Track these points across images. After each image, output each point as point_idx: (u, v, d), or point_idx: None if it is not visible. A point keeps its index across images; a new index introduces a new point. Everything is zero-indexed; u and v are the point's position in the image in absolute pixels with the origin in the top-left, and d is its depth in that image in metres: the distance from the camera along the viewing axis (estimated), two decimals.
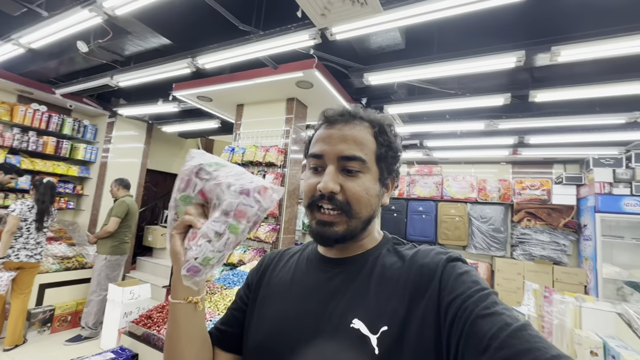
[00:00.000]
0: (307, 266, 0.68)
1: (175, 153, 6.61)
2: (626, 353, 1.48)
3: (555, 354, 0.38)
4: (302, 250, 0.74)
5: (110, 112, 4.91)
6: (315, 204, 0.60)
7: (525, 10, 2.16)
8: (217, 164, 0.60)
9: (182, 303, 0.59)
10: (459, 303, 0.48)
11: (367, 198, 0.60)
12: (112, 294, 3.03)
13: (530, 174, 5.42)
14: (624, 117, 3.08)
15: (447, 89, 3.35)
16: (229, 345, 0.68)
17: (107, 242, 3.47)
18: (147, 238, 5.50)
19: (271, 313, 0.64)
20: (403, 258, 0.60)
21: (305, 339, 0.56)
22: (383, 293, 0.56)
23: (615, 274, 4.12)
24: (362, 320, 0.53)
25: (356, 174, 0.60)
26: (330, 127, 0.63)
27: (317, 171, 0.63)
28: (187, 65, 2.84)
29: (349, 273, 0.61)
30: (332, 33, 2.11)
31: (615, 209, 4.10)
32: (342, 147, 0.60)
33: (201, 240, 0.53)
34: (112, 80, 3.39)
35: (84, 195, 4.89)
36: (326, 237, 0.60)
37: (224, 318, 0.72)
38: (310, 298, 0.61)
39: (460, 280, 0.51)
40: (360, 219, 0.60)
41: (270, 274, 0.72)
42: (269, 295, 0.68)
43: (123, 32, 2.70)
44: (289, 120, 3.43)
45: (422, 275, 0.55)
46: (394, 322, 0.52)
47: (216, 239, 0.53)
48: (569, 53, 2.08)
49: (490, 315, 0.45)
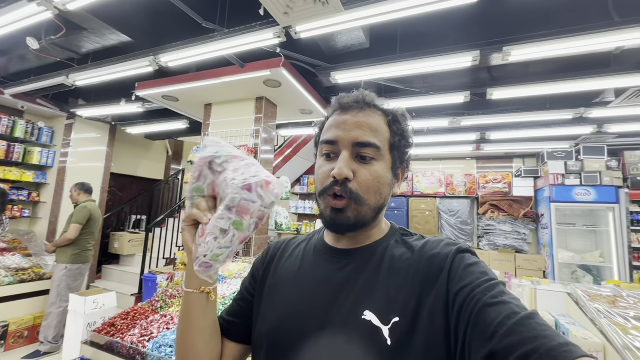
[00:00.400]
0: (315, 257, 0.67)
1: (141, 155, 6.34)
2: (574, 329, 1.62)
3: (562, 341, 0.38)
4: (308, 240, 0.73)
5: (68, 114, 4.62)
6: (327, 191, 0.59)
7: (481, 12, 2.29)
8: (228, 155, 0.59)
9: (195, 293, 0.60)
10: (467, 292, 0.48)
11: (378, 186, 0.60)
12: (74, 304, 2.86)
13: (493, 169, 5.72)
14: (571, 113, 3.34)
15: (413, 87, 3.47)
16: (236, 335, 0.68)
17: (68, 250, 3.27)
18: (113, 245, 5.23)
19: (279, 304, 0.63)
20: (412, 249, 0.60)
21: (314, 330, 0.56)
22: (393, 284, 0.56)
23: (569, 258, 4.46)
24: (374, 312, 0.53)
25: (370, 161, 0.60)
26: (345, 113, 0.62)
27: (330, 158, 0.62)
28: (150, 64, 2.75)
29: (358, 264, 0.61)
30: (297, 32, 2.13)
31: (568, 198, 4.43)
32: (357, 134, 0.59)
33: (208, 237, 0.53)
34: (67, 79, 3.20)
35: (40, 203, 4.57)
36: (339, 224, 0.59)
37: (230, 309, 0.72)
38: (319, 289, 0.60)
39: (469, 270, 0.52)
40: (370, 207, 0.59)
41: (277, 264, 0.71)
42: (276, 285, 0.67)
43: (78, 28, 2.57)
44: (259, 120, 3.40)
45: (432, 266, 0.55)
46: (405, 313, 0.52)
47: (222, 235, 0.53)
48: (519, 53, 2.23)
49: (497, 304, 0.45)
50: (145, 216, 6.07)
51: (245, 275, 2.42)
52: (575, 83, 2.71)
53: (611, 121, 3.71)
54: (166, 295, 2.18)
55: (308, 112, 3.85)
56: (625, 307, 1.62)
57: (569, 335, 1.59)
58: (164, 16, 2.64)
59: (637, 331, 1.39)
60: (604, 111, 3.29)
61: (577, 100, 3.37)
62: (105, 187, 5.15)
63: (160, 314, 1.97)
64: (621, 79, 2.57)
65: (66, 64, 3.22)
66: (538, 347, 0.38)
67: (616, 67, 2.65)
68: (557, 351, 0.37)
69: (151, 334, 1.71)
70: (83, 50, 3.04)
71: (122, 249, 5.18)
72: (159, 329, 1.76)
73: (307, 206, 6.37)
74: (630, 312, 1.55)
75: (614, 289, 1.82)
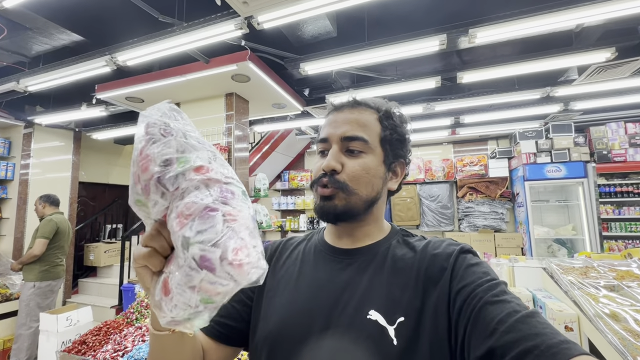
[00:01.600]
0: (316, 257, 0.66)
1: (112, 162, 6.07)
2: (550, 302, 1.67)
3: (562, 339, 0.39)
4: (307, 240, 0.73)
5: (25, 122, 4.33)
6: (317, 182, 0.62)
7: None
8: (186, 161, 0.40)
9: (167, 334, 0.49)
10: (469, 291, 0.49)
11: (367, 177, 0.61)
12: (45, 323, 2.70)
13: (469, 152, 5.85)
14: (538, 93, 3.42)
15: (386, 75, 3.45)
16: (226, 338, 0.65)
17: (35, 267, 3.08)
18: (88, 257, 5.01)
19: (281, 306, 0.62)
20: (414, 249, 0.61)
21: (318, 332, 0.55)
22: (397, 284, 0.56)
23: (544, 233, 4.63)
24: (379, 312, 0.53)
25: (358, 154, 0.62)
26: (337, 112, 0.66)
27: (323, 154, 0.65)
28: (106, 63, 2.58)
29: (361, 264, 0.61)
30: (259, 22, 2.04)
31: (540, 175, 4.59)
32: (345, 129, 0.63)
33: (175, 299, 0.39)
34: (18, 84, 2.97)
35: (3, 219, 4.29)
36: (326, 211, 0.61)
37: (223, 311, 0.66)
38: (322, 290, 0.60)
39: (471, 270, 0.53)
40: (359, 196, 0.60)
41: (275, 265, 0.69)
42: (276, 288, 0.65)
43: (21, 28, 2.38)
44: (230, 117, 3.30)
45: (435, 266, 0.56)
46: (410, 313, 0.52)
47: (191, 307, 0.39)
48: (484, 35, 2.23)
49: (498, 302, 0.45)
50: (121, 224, 5.84)
51: None
52: (540, 62, 2.77)
53: (576, 98, 3.83)
54: (142, 306, 2.08)
55: (281, 106, 3.77)
56: (595, 277, 1.67)
57: (545, 308, 1.63)
58: (116, 11, 2.48)
59: (607, 299, 1.43)
60: (568, 89, 3.39)
61: (543, 79, 3.45)
62: (75, 197, 4.88)
63: (136, 326, 1.88)
64: (583, 56, 2.64)
65: (17, 69, 2.99)
66: (539, 343, 0.39)
67: (578, 45, 2.71)
68: (557, 348, 0.38)
69: (125, 348, 1.63)
70: (32, 52, 2.83)
71: (98, 260, 4.96)
72: (134, 342, 1.68)
73: (289, 202, 6.31)
74: (600, 281, 1.60)
75: (585, 260, 1.88)
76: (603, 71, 2.90)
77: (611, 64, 2.76)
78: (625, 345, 1.11)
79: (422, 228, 5.63)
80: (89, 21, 2.51)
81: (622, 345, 1.12)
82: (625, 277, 1.57)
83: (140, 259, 0.42)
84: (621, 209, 4.45)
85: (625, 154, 4.41)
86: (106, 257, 4.98)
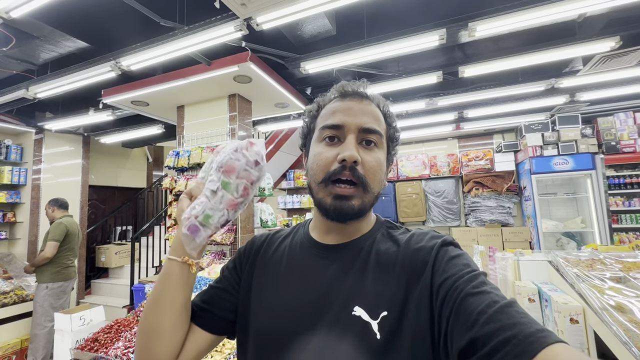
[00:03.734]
0: (302, 252, 0.66)
1: (121, 165, 6.18)
2: (555, 295, 1.65)
3: (539, 328, 0.41)
4: (293, 234, 0.72)
5: (36, 128, 4.44)
6: (332, 177, 0.58)
7: None
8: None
9: (177, 261, 0.60)
10: (450, 283, 0.50)
11: (380, 174, 0.61)
12: (59, 323, 2.78)
13: (475, 146, 5.79)
14: (542, 85, 3.38)
15: (387, 71, 3.44)
16: (207, 324, 0.64)
17: (47, 269, 3.17)
18: (99, 259, 5.12)
19: (268, 303, 0.62)
20: (398, 243, 0.61)
21: (305, 328, 0.56)
22: (381, 279, 0.56)
23: (552, 227, 4.58)
24: (363, 307, 0.54)
25: (373, 148, 0.61)
26: (348, 100, 0.63)
27: (332, 141, 0.61)
28: (112, 69, 2.64)
29: (347, 260, 0.61)
30: (258, 23, 2.06)
31: (547, 168, 4.52)
32: (364, 119, 0.61)
33: (200, 198, 0.59)
34: (28, 92, 3.05)
35: (17, 223, 4.41)
36: (343, 212, 0.58)
37: (206, 296, 0.67)
38: (308, 287, 0.60)
39: (452, 263, 0.53)
40: (372, 194, 0.60)
41: (262, 258, 0.69)
42: (263, 284, 0.65)
43: (29, 37, 2.44)
44: (233, 118, 3.33)
45: (417, 259, 0.56)
46: (393, 307, 0.53)
47: (212, 195, 0.58)
48: (484, 28, 2.22)
49: (478, 294, 0.46)
50: (130, 226, 5.94)
51: None
52: (544, 54, 2.73)
53: (582, 89, 3.76)
54: None
55: (284, 105, 3.79)
56: (601, 269, 1.65)
57: (551, 301, 1.62)
58: (119, 17, 2.53)
59: (613, 291, 1.42)
60: (573, 80, 3.33)
61: (547, 71, 3.41)
62: (85, 201, 5.00)
63: None
64: (587, 46, 2.60)
65: (26, 76, 3.07)
66: (517, 333, 0.40)
67: (581, 35, 2.67)
68: (534, 337, 0.39)
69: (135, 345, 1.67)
70: (40, 60, 2.90)
71: (109, 261, 5.07)
72: None
73: (295, 200, 6.34)
74: (606, 273, 1.59)
75: (591, 252, 1.86)
76: (608, 61, 2.85)
77: (616, 53, 2.72)
78: (630, 336, 1.11)
79: (428, 224, 5.61)
80: (93, 28, 2.57)
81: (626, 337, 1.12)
82: (632, 269, 1.55)
83: (188, 190, 0.64)
84: (631, 201, 4.36)
85: (634, 144, 4.32)
86: (117, 258, 5.09)
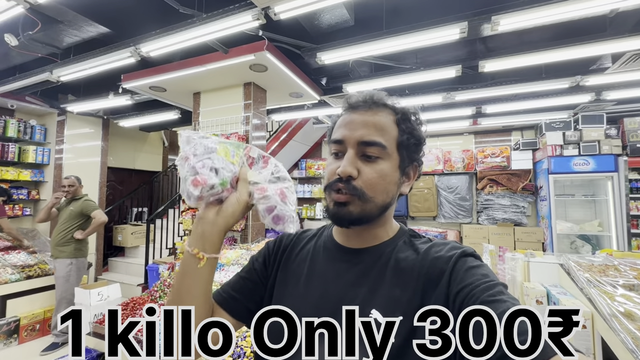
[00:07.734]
0: (325, 255, 0.68)
1: (138, 148, 6.33)
2: (564, 298, 1.64)
3: (520, 308, 0.43)
4: (318, 236, 0.75)
5: (58, 110, 4.59)
6: (331, 187, 0.61)
7: None
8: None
9: (189, 252, 0.62)
10: (467, 291, 0.50)
11: (383, 184, 0.61)
12: (79, 297, 2.94)
13: (491, 143, 5.65)
14: (567, 82, 3.25)
15: (405, 64, 3.37)
16: (235, 310, 0.69)
17: (70, 245, 3.33)
18: (116, 238, 5.33)
19: (291, 300, 0.65)
20: (417, 251, 0.62)
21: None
22: (398, 284, 0.58)
23: (567, 229, 4.47)
24: (379, 310, 0.55)
25: (375, 160, 0.61)
26: (353, 112, 0.64)
27: (337, 156, 0.64)
28: (131, 54, 2.69)
29: (367, 264, 0.63)
30: (276, 12, 2.05)
31: (566, 169, 4.39)
32: (362, 133, 0.61)
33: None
34: (52, 75, 3.16)
35: (41, 200, 4.62)
36: (341, 217, 0.60)
37: (236, 285, 0.72)
38: (329, 288, 0.62)
39: (470, 272, 0.53)
40: (375, 203, 0.60)
41: (288, 257, 0.72)
42: (287, 281, 0.68)
43: (54, 21, 2.50)
44: (248, 106, 3.36)
45: (435, 267, 0.57)
46: (409, 312, 0.54)
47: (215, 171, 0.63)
48: (508, 22, 2.14)
49: (494, 302, 0.47)
50: (146, 208, 6.13)
51: (243, 263, 2.46)
52: (570, 50, 2.62)
53: (609, 88, 3.60)
54: (164, 285, 2.23)
55: (298, 95, 3.79)
56: (614, 275, 1.62)
57: (559, 304, 1.61)
58: (139, 4, 2.56)
59: (624, 298, 1.40)
60: (601, 78, 3.19)
61: (573, 68, 3.27)
62: (104, 182, 5.18)
63: (159, 303, 2.03)
64: (617, 43, 2.48)
65: (50, 60, 3.17)
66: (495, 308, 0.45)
67: (612, 31, 2.54)
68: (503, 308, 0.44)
69: None
70: (64, 44, 2.97)
71: (125, 241, 5.27)
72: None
73: (306, 190, 6.39)
74: (619, 279, 1.56)
75: (605, 257, 1.82)
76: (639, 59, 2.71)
77: None
78: (638, 344, 1.10)
79: (438, 219, 5.57)
80: (114, 13, 2.61)
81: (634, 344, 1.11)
82: None
83: None
84: None
85: None
86: (133, 238, 5.28)
